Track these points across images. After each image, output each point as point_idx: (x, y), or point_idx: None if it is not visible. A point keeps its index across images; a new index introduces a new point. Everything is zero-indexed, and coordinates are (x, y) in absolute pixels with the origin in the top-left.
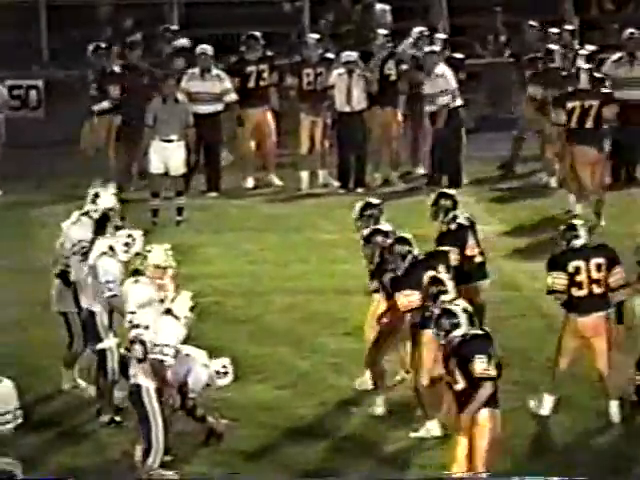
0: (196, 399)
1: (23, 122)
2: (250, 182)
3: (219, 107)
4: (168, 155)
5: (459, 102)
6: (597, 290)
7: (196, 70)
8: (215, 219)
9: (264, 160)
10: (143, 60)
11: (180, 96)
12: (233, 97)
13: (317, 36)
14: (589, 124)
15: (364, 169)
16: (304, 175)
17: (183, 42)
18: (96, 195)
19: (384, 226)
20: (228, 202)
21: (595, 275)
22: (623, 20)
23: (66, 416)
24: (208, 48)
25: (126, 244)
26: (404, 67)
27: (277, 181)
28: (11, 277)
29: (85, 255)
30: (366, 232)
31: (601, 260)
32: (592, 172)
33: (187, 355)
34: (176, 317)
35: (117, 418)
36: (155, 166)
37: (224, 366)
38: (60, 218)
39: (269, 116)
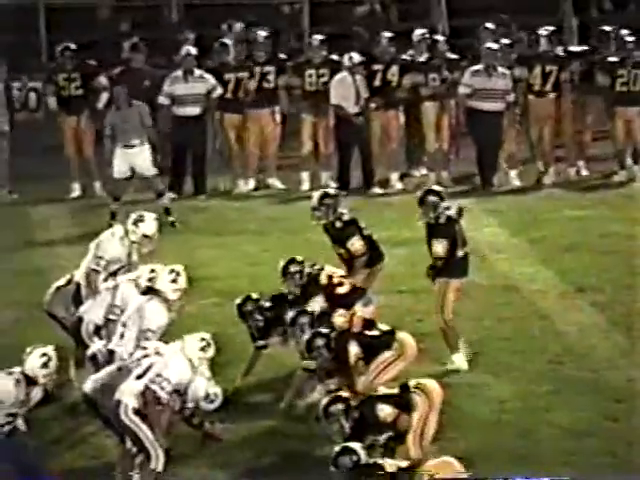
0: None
1: (23, 125)
2: (251, 184)
3: (201, 109)
4: (133, 160)
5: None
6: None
7: (179, 73)
8: (215, 221)
9: (266, 162)
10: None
11: (165, 100)
12: (219, 91)
13: (321, 37)
14: None
15: (372, 170)
16: (305, 176)
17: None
18: (140, 219)
19: None
20: (228, 204)
21: None
22: (622, 21)
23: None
24: (192, 49)
25: (173, 281)
26: (407, 77)
27: (278, 184)
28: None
29: (114, 275)
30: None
31: None
32: None
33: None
34: (188, 358)
35: None
36: (119, 171)
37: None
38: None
39: (277, 118)
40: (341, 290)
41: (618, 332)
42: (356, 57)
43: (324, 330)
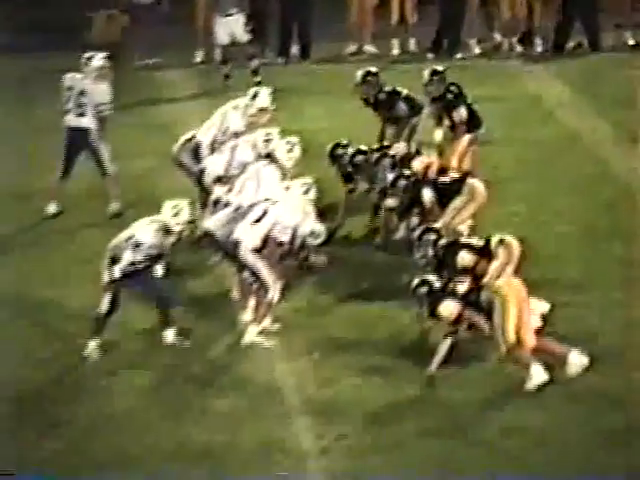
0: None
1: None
2: (352, 47)
3: None
4: (231, 27)
5: None
6: None
7: None
8: (314, 81)
9: (361, 29)
10: None
11: None
12: None
13: None
14: None
15: (458, 36)
16: (395, 43)
17: None
18: (256, 94)
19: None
20: (326, 68)
21: None
22: None
23: None
24: None
25: (289, 150)
26: None
27: (373, 49)
28: (138, 132)
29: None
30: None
31: None
32: None
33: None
34: (296, 202)
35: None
36: (220, 38)
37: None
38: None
39: None
40: None
41: None
42: None
43: (407, 172)
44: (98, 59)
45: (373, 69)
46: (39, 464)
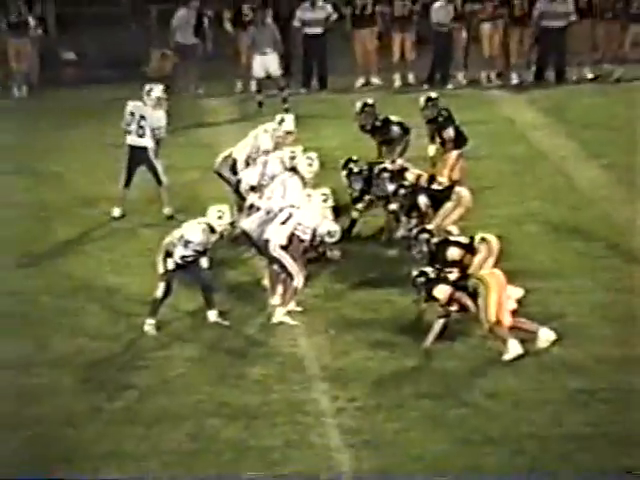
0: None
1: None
2: (359, 82)
3: (323, 29)
4: (266, 64)
5: None
6: None
7: (307, 4)
8: (330, 108)
9: (368, 66)
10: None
11: (297, 23)
12: (334, 17)
13: None
14: None
15: (448, 70)
16: (396, 76)
17: None
18: (283, 119)
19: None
20: (340, 97)
21: None
22: None
23: None
24: None
25: (309, 164)
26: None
27: (378, 81)
28: (186, 150)
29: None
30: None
31: None
32: None
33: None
34: (316, 208)
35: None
36: (257, 72)
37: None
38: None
39: (373, 35)
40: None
41: (621, 185)
42: None
43: (406, 182)
44: (157, 90)
45: (370, 101)
46: (107, 420)
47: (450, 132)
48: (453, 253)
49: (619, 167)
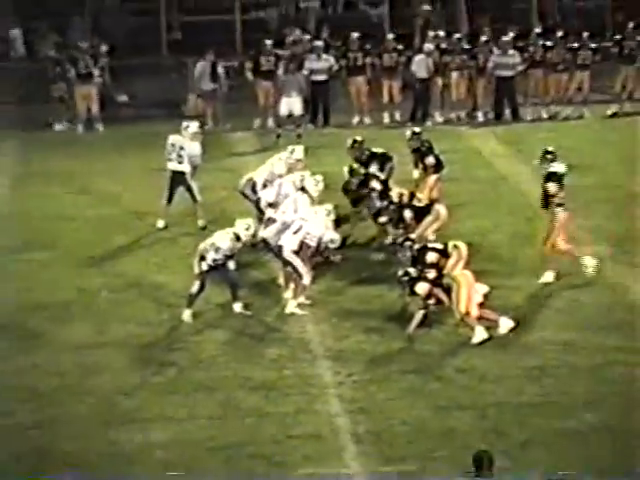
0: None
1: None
2: (355, 119)
3: (327, 77)
4: (292, 105)
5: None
6: None
7: (314, 55)
8: (334, 141)
9: (361, 106)
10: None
11: (306, 71)
12: (335, 67)
13: (392, 35)
14: None
15: (427, 110)
16: (385, 115)
17: (318, 43)
18: (293, 150)
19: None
20: (340, 131)
21: None
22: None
23: None
24: (320, 43)
25: (316, 184)
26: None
27: (368, 120)
28: (216, 174)
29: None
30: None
31: None
32: None
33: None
34: (321, 220)
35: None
36: (282, 111)
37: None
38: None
39: (365, 81)
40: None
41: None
42: (431, 46)
43: (394, 200)
44: (193, 126)
45: (359, 138)
46: (152, 391)
47: (431, 159)
48: (431, 257)
49: (565, 187)
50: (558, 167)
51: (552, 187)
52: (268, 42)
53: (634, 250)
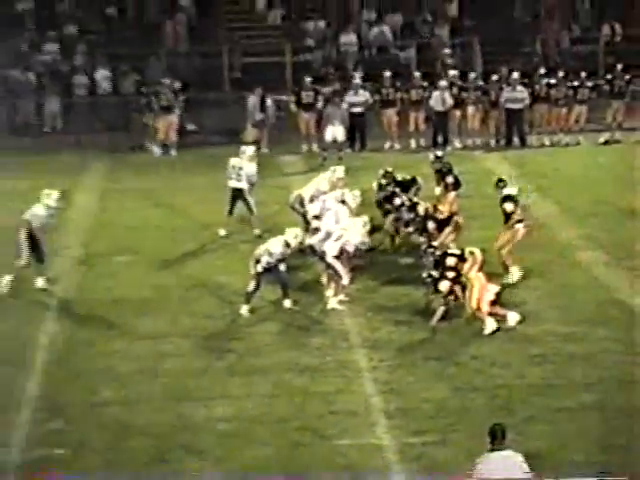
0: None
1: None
2: (387, 145)
3: (363, 109)
4: (335, 132)
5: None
6: None
7: (352, 91)
8: (370, 162)
9: (392, 134)
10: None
11: (346, 105)
12: (370, 101)
13: (418, 74)
14: None
15: (447, 136)
16: (412, 142)
17: (356, 81)
18: (335, 169)
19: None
20: (374, 155)
21: None
22: None
23: None
24: (359, 80)
25: (354, 198)
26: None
27: (398, 145)
28: (269, 191)
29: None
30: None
31: None
32: None
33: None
34: (358, 231)
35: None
36: (327, 137)
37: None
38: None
39: (395, 113)
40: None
41: (563, 212)
42: (445, 83)
43: (420, 213)
44: (250, 150)
45: (389, 169)
46: (216, 374)
47: (450, 179)
48: (450, 261)
49: (562, 201)
50: (510, 190)
51: (508, 206)
52: (308, 79)
53: (624, 256)
